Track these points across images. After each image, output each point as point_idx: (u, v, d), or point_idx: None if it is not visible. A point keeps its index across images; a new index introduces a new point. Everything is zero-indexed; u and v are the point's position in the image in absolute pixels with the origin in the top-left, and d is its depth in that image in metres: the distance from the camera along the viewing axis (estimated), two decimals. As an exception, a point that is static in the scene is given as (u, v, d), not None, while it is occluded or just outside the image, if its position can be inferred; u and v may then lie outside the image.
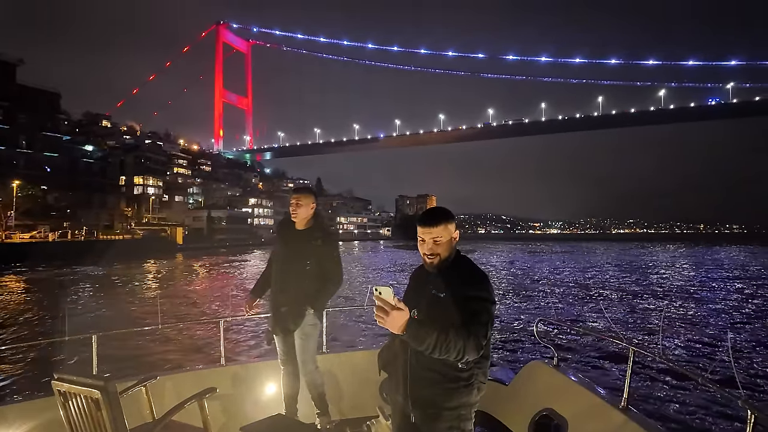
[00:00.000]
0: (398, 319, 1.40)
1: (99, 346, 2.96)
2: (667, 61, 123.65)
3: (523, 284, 23.32)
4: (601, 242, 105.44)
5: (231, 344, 9.82)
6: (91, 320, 13.69)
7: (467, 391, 1.64)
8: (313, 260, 2.88)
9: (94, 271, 30.11)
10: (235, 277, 26.98)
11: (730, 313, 14.77)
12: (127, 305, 16.70)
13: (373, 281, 25.48)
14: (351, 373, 3.44)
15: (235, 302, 17.02)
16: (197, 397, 2.43)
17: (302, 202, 2.90)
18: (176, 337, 10.44)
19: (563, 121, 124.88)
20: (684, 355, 9.70)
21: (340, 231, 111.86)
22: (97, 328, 3.08)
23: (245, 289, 21.29)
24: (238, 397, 3.19)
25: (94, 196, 56.24)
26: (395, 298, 1.41)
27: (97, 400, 1.93)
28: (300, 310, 2.87)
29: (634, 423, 2.19)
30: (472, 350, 1.47)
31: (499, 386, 3.20)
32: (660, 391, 7.16)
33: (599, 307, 15.61)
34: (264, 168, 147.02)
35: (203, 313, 15.30)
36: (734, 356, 9.29)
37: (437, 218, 1.70)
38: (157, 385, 2.76)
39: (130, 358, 8.26)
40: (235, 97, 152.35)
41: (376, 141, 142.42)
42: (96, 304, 17.28)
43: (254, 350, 9.66)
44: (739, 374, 7.89)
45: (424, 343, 1.43)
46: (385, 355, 1.88)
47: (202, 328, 10.96)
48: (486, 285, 1.62)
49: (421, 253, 1.72)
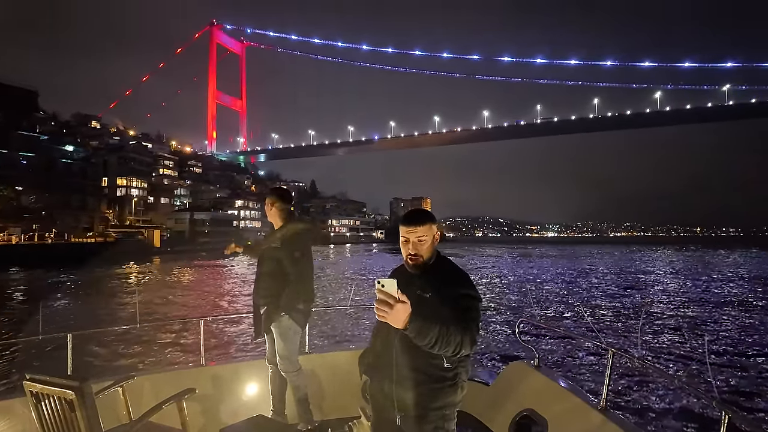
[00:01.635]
0: (402, 312, 1.37)
1: (74, 347, 2.89)
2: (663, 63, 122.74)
3: (507, 286, 23.32)
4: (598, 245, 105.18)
5: (211, 344, 9.73)
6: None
7: (452, 391, 1.66)
8: (275, 261, 2.92)
9: (51, 277, 28.46)
10: (208, 283, 25.19)
11: (709, 317, 15.00)
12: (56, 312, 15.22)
13: (358, 282, 25.18)
14: (333, 373, 3.39)
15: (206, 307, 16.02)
16: (176, 397, 2.41)
17: (269, 203, 2.99)
18: (155, 338, 10.31)
19: (559, 123, 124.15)
20: (662, 357, 9.87)
21: (331, 233, 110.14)
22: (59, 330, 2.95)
23: (218, 295, 20.24)
24: (218, 397, 3.12)
25: (72, 197, 54.42)
26: (399, 291, 1.38)
27: (71, 401, 1.90)
28: (270, 310, 2.90)
29: (613, 423, 2.24)
30: (468, 344, 1.49)
31: (480, 386, 3.20)
32: (638, 392, 7.31)
33: (581, 310, 15.80)
34: (258, 170, 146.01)
35: (181, 317, 15.31)
36: (710, 359, 9.80)
37: (421, 218, 1.70)
38: (135, 385, 2.68)
39: (106, 358, 8.11)
40: (229, 98, 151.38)
41: (370, 143, 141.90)
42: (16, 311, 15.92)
43: (235, 350, 9.62)
44: (715, 376, 8.27)
45: (427, 337, 1.42)
46: (366, 359, 1.87)
47: (181, 328, 10.88)
48: (471, 283, 1.66)
49: (404, 254, 1.72)
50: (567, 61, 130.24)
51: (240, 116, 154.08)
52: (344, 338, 10.74)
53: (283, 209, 2.98)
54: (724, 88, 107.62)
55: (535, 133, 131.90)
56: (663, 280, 26.70)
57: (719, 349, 10.78)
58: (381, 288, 1.36)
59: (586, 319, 14.22)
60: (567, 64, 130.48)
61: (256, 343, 3.28)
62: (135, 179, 69.15)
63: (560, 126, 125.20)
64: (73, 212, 53.80)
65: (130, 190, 67.79)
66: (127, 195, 66.50)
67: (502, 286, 23.49)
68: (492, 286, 23.34)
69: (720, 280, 26.60)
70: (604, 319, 14.39)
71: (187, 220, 66.88)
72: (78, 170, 57.56)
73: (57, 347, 3.49)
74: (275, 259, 2.91)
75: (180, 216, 68.77)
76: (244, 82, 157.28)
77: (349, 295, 18.78)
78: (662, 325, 13.42)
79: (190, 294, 20.72)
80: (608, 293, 20.76)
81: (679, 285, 24.23)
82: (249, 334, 9.76)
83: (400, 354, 1.66)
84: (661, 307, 16.81)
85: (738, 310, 16.28)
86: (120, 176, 67.29)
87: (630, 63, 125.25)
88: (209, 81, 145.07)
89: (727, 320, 14.42)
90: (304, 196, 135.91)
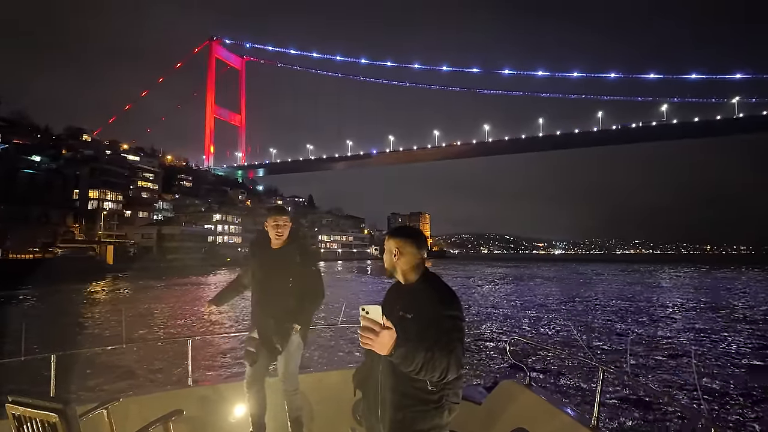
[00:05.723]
0: (387, 339, 1.36)
1: (57, 367, 2.84)
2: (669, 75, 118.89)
3: (497, 305, 23.23)
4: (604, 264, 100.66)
5: (199, 365, 9.49)
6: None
7: (437, 413, 1.62)
8: (295, 278, 2.88)
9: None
10: (151, 313, 20.58)
11: (700, 335, 15.20)
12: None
13: (349, 300, 22.82)
14: (324, 393, 3.37)
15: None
16: (162, 420, 2.38)
17: (288, 223, 2.94)
18: (141, 358, 10.09)
19: (561, 137, 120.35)
20: (652, 374, 10.00)
21: (322, 249, 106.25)
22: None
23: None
24: (206, 419, 3.08)
25: (32, 209, 51.30)
26: (383, 317, 1.36)
27: (55, 425, 1.83)
28: (285, 328, 2.86)
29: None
30: (454, 368, 1.48)
31: (471, 405, 3.17)
32: (629, 409, 7.46)
33: (571, 329, 15.82)
34: (257, 185, 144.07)
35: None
36: (699, 376, 10.00)
37: (395, 233, 1.78)
38: (120, 407, 2.62)
39: (91, 379, 8.12)
40: (227, 113, 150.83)
41: (368, 157, 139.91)
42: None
43: (223, 371, 9.56)
44: (703, 393, 8.49)
45: (412, 363, 1.41)
46: (360, 374, 1.87)
47: (168, 349, 10.62)
48: (456, 303, 1.64)
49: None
50: (569, 74, 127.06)
51: (239, 131, 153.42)
52: (332, 359, 10.57)
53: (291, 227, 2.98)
54: (733, 101, 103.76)
55: (537, 147, 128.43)
56: (660, 300, 26.16)
57: (708, 367, 10.91)
58: (365, 315, 1.34)
59: (576, 336, 14.43)
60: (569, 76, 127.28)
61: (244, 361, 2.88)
62: (109, 192, 65.94)
63: (563, 140, 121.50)
64: (32, 226, 50.47)
65: (102, 203, 64.46)
66: (99, 208, 62.99)
67: (493, 305, 23.29)
68: (483, 304, 23.17)
69: (718, 299, 26.59)
70: (596, 337, 14.57)
71: (155, 235, 62.26)
72: (43, 181, 54.63)
73: (40, 368, 3.19)
74: (296, 275, 2.88)
75: (147, 231, 64.09)
76: (243, 96, 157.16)
77: (339, 314, 15.46)
78: (652, 342, 13.71)
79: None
80: (602, 313, 20.58)
81: (675, 304, 24.05)
82: (238, 355, 9.43)
83: (385, 376, 1.66)
84: (652, 325, 17.01)
85: (730, 330, 16.34)
86: (92, 188, 64.04)
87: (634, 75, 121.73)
88: (207, 95, 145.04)
89: (720, 338, 14.73)
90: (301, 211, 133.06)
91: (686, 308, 22.34)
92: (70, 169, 62.51)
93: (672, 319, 18.77)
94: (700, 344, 13.81)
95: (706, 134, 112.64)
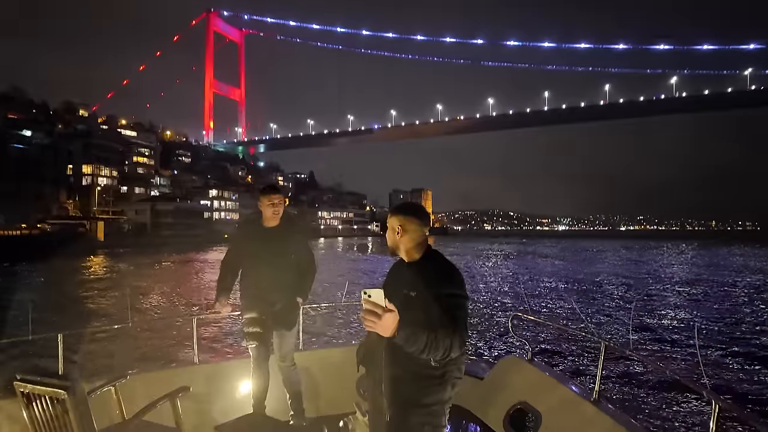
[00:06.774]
0: (390, 321, 1.37)
1: (65, 346, 2.85)
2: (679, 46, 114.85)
3: (501, 281, 23.00)
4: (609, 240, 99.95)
5: (205, 342, 9.67)
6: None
7: (441, 388, 1.65)
8: (295, 254, 2.94)
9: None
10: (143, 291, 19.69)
11: (702, 310, 15.12)
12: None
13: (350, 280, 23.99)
14: (327, 370, 3.38)
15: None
16: (169, 396, 2.41)
17: (282, 200, 2.96)
18: (148, 336, 10.23)
19: (568, 111, 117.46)
20: (653, 348, 10.02)
21: (321, 226, 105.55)
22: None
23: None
24: (211, 396, 3.10)
25: (23, 185, 50.50)
26: (386, 300, 1.37)
27: (63, 401, 1.88)
28: (292, 303, 2.91)
29: (606, 415, 2.29)
30: (457, 347, 1.49)
31: (474, 380, 3.18)
32: (630, 383, 7.48)
33: (573, 304, 15.84)
34: (258, 161, 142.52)
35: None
36: (701, 350, 10.08)
37: (397, 210, 1.77)
38: (127, 384, 2.68)
39: (98, 357, 8.17)
40: (227, 88, 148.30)
41: (370, 132, 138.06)
42: None
43: (228, 348, 9.65)
44: (705, 366, 8.47)
45: (416, 344, 1.42)
46: (363, 350, 1.90)
47: (174, 326, 10.68)
48: (459, 280, 1.65)
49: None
50: (576, 45, 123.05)
51: (238, 106, 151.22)
52: (335, 336, 10.56)
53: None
54: (746, 72, 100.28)
55: (542, 122, 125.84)
56: (663, 276, 25.95)
57: (710, 339, 10.94)
58: (368, 298, 1.35)
59: (578, 311, 14.53)
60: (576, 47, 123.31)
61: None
62: (104, 167, 64.91)
63: (569, 114, 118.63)
64: (24, 202, 49.76)
65: (96, 178, 63.52)
66: (93, 184, 62.13)
67: (496, 281, 23.01)
68: (486, 281, 22.84)
69: (720, 274, 26.49)
70: (598, 313, 14.55)
71: (149, 211, 61.02)
72: (34, 156, 53.68)
73: (48, 347, 3.09)
74: (295, 251, 2.94)
75: (141, 206, 62.74)
76: (242, 71, 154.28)
77: (342, 292, 15.12)
78: (654, 316, 13.82)
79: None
80: (604, 289, 20.47)
81: (678, 280, 23.74)
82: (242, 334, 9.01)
83: (388, 352, 1.68)
84: (654, 300, 17.02)
85: (730, 303, 16.36)
86: (86, 164, 63.00)
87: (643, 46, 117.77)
88: (206, 69, 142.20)
89: (722, 313, 14.65)
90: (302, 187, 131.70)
91: (689, 283, 22.20)
92: (63, 145, 61.41)
93: (675, 294, 18.74)
94: (702, 318, 13.76)
95: (717, 108, 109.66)
